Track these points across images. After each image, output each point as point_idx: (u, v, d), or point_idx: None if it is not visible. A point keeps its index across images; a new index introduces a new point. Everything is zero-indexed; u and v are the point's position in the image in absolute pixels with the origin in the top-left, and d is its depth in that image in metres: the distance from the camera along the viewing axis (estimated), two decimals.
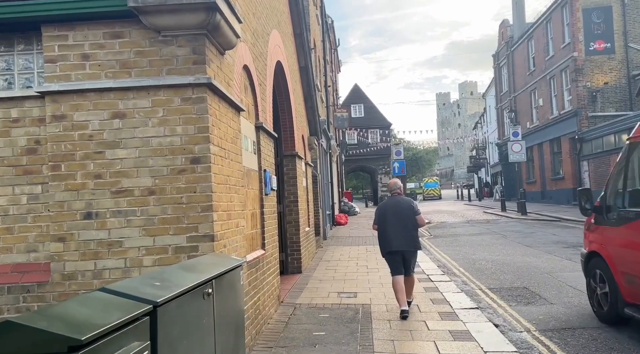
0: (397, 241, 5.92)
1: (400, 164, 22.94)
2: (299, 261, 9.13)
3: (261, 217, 5.80)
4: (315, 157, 14.28)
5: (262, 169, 5.89)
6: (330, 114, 21.34)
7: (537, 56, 28.17)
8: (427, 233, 16.35)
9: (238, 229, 4.50)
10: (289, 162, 9.22)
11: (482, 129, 51.78)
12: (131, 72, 3.82)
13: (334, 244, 13.69)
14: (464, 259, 10.43)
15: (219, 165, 3.99)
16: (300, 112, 10.51)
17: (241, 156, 4.78)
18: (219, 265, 2.60)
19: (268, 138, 6.36)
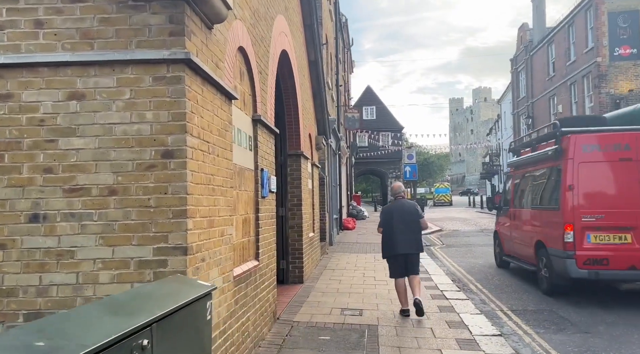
0: (403, 243, 6.08)
1: (412, 168, 22.09)
2: (300, 270, 8.39)
3: (256, 224, 5.07)
4: (322, 158, 13.54)
5: (259, 168, 5.16)
6: (341, 115, 20.60)
7: (557, 61, 27.15)
8: (438, 242, 15.52)
9: (223, 239, 3.77)
10: (293, 162, 8.49)
11: (497, 135, 50.65)
12: (93, 43, 3.12)
13: (340, 251, 12.92)
14: (479, 274, 9.61)
15: (198, 161, 3.27)
16: (307, 109, 9.78)
17: (231, 151, 4.05)
18: (170, 298, 1.86)
19: (268, 134, 5.63)
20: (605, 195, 7.11)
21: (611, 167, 7.11)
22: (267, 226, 5.47)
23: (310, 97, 10.33)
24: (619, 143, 7.09)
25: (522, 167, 9.54)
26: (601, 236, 6.83)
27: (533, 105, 30.82)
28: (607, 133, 7.39)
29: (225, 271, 3.80)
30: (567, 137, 7.35)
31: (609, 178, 7.14)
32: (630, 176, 6.95)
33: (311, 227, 9.96)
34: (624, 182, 7.00)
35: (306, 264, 8.69)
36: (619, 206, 6.91)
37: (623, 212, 6.85)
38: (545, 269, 7.61)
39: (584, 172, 7.05)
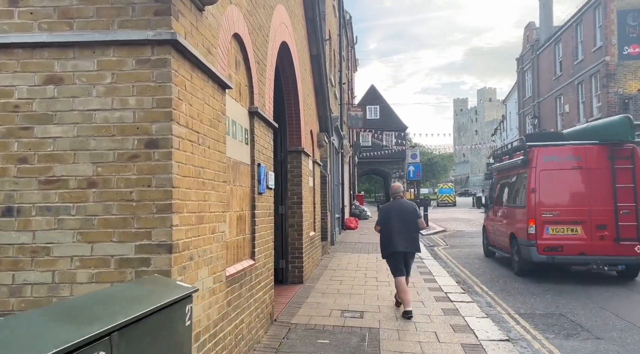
0: (401, 242, 6.14)
1: (415, 167, 21.80)
2: (300, 269, 8.15)
3: (252, 221, 4.83)
4: (325, 156, 13.29)
5: (256, 163, 4.92)
6: (344, 113, 20.34)
7: (564, 60, 26.78)
8: (442, 242, 15.25)
9: (214, 236, 3.53)
10: (294, 158, 8.25)
11: (501, 135, 50.24)
12: (72, 23, 2.88)
13: (342, 251, 12.67)
14: (485, 275, 9.34)
15: (186, 152, 3.03)
16: (309, 104, 9.54)
17: (224, 144, 3.81)
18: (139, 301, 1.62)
19: (265, 128, 5.39)
20: (560, 196, 8.69)
21: (565, 174, 8.70)
22: (264, 224, 5.23)
23: (312, 92, 10.08)
24: (572, 155, 8.72)
25: (501, 172, 11.32)
26: (557, 229, 8.52)
27: (539, 105, 30.45)
28: (562, 147, 8.97)
29: (216, 271, 3.57)
30: (532, 150, 9.01)
31: (564, 183, 8.69)
32: (580, 181, 8.66)
33: (312, 226, 9.72)
34: (575, 186, 8.69)
35: (306, 264, 8.45)
36: (571, 205, 8.57)
37: (574, 209, 8.51)
38: (516, 255, 9.33)
39: (544, 178, 8.69)
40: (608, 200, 8.43)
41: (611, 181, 8.46)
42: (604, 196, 8.45)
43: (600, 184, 8.52)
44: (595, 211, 8.42)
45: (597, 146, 8.72)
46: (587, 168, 8.60)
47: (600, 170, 8.54)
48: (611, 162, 8.49)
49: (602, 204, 8.44)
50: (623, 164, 8.45)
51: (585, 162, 8.62)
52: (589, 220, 8.42)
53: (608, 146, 8.59)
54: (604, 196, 8.45)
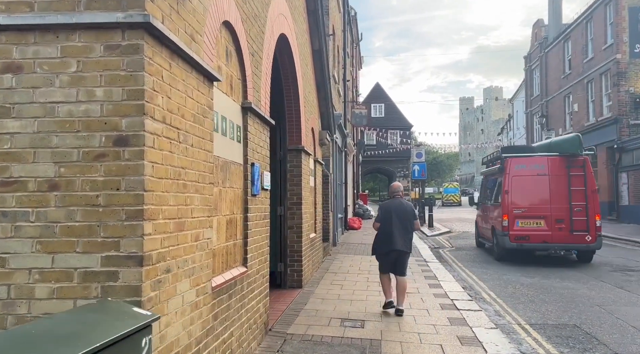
0: (399, 241, 6.22)
1: (420, 167, 21.39)
2: (299, 273, 7.81)
3: (244, 225, 4.48)
4: (327, 155, 12.94)
5: (249, 162, 4.58)
6: (348, 111, 19.96)
7: (574, 58, 26.26)
8: (448, 244, 14.86)
9: (198, 244, 3.19)
10: (294, 157, 7.90)
11: (508, 135, 49.68)
12: (33, 4, 2.54)
13: (344, 252, 12.32)
14: (493, 280, 8.96)
15: (163, 151, 2.69)
16: (310, 101, 9.19)
17: (211, 142, 3.47)
18: (70, 341, 1.27)
19: (261, 124, 5.04)
20: (527, 197, 10.67)
21: (532, 179, 10.69)
22: (258, 228, 4.89)
23: (314, 89, 9.73)
24: (538, 164, 10.80)
25: (486, 176, 13.67)
26: (525, 222, 10.53)
27: (547, 104, 29.93)
28: (530, 157, 11.17)
29: (200, 282, 3.23)
30: (506, 159, 11.12)
31: (530, 186, 10.69)
32: (543, 185, 10.59)
33: (312, 227, 9.38)
34: (540, 189, 10.60)
35: (306, 267, 8.10)
36: (536, 204, 10.57)
37: (538, 207, 10.53)
38: (495, 244, 11.40)
39: (515, 182, 10.75)
40: (565, 200, 10.44)
41: (567, 185, 10.49)
42: (561, 197, 10.47)
43: (559, 187, 10.55)
44: (555, 208, 10.48)
45: (558, 157, 10.82)
46: (549, 174, 10.67)
47: (559, 176, 10.60)
48: (568, 170, 10.58)
49: (560, 203, 10.45)
50: (577, 171, 10.55)
51: (548, 169, 10.72)
52: (550, 215, 10.47)
53: (565, 157, 10.70)
54: (562, 197, 10.46)
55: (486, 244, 12.87)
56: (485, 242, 12.91)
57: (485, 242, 13.02)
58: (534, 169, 10.81)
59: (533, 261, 11.14)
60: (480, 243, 13.66)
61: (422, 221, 21.20)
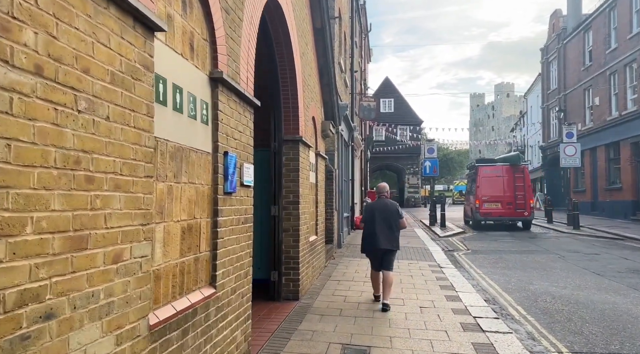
0: (382, 240, 6.45)
1: (432, 162, 20.22)
2: (296, 283, 6.76)
3: (213, 233, 3.43)
4: (332, 149, 11.87)
5: (221, 151, 3.52)
6: (356, 104, 18.85)
7: (595, 49, 24.85)
8: (462, 246, 13.73)
9: (120, 267, 2.14)
10: (290, 149, 6.85)
11: (522, 131, 48.19)
12: None
13: (350, 255, 11.27)
14: (519, 291, 7.84)
15: (36, 121, 1.64)
16: (311, 87, 8.11)
17: (149, 117, 2.42)
18: None
19: (240, 104, 3.99)
20: (490, 189, 17.63)
21: (493, 179, 17.81)
22: (235, 235, 3.84)
23: (316, 73, 8.65)
24: (497, 170, 18.05)
25: (469, 177, 21.50)
26: (488, 205, 17.54)
27: (565, 97, 28.52)
28: (492, 166, 18.54)
29: (124, 323, 2.18)
30: (478, 167, 18.54)
31: (492, 183, 17.71)
32: (500, 182, 17.68)
33: (313, 229, 8.32)
34: (497, 185, 17.63)
35: (303, 275, 7.05)
36: (495, 193, 17.57)
37: (497, 196, 17.56)
38: (472, 218, 18.82)
39: (483, 181, 17.81)
40: (512, 191, 17.78)
41: (513, 182, 17.87)
42: (510, 189, 17.81)
43: (509, 184, 17.94)
44: (506, 196, 17.80)
45: (508, 166, 18.36)
46: (503, 176, 18.04)
47: (509, 177, 17.98)
48: (514, 174, 18.01)
49: (509, 193, 17.80)
50: (519, 174, 18.03)
51: (503, 173, 18.09)
52: (503, 200, 17.78)
53: (512, 166, 18.27)
54: (510, 189, 17.81)
55: (470, 221, 20.05)
56: (469, 219, 20.14)
57: (468, 219, 20.41)
58: (494, 173, 18.33)
59: (563, 267, 10.00)
60: (466, 221, 20.96)
61: (433, 220, 20.07)
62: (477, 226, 18.88)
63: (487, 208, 17.83)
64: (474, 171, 19.32)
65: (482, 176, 18.22)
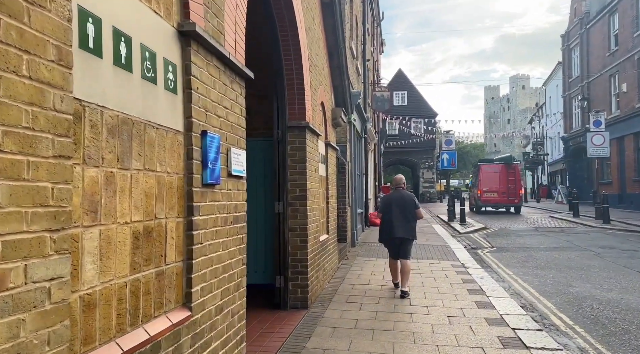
0: (399, 229, 6.63)
1: (450, 155, 19.23)
2: (304, 289, 5.93)
3: (186, 236, 2.61)
4: (343, 140, 11.01)
5: (197, 130, 2.70)
6: (368, 95, 17.92)
7: (621, 33, 23.50)
8: (486, 243, 12.76)
9: None
10: (296, 137, 6.01)
11: (540, 122, 46.66)
12: None
13: (365, 254, 10.41)
14: (559, 295, 6.90)
15: None
16: (319, 68, 7.26)
17: (66, 68, 1.59)
18: None
19: (224, 73, 3.15)
20: (489, 183, 23.03)
21: (492, 175, 23.17)
22: (220, 238, 3.01)
23: (325, 53, 7.79)
24: (494, 167, 23.71)
25: (474, 173, 26.53)
26: (488, 194, 23.16)
27: (589, 85, 27.16)
28: (491, 164, 24.39)
29: None
30: (479, 165, 24.53)
31: (491, 178, 23.10)
32: (496, 177, 23.10)
33: (323, 227, 7.48)
34: (495, 179, 22.99)
35: (313, 280, 6.22)
36: (493, 185, 22.97)
37: (494, 187, 22.97)
38: (475, 204, 24.51)
39: (483, 176, 23.32)
40: (506, 184, 22.71)
41: (507, 178, 22.85)
42: (505, 182, 22.69)
43: (504, 179, 22.79)
44: (501, 188, 22.66)
45: (503, 164, 23.62)
46: (499, 172, 22.99)
47: (504, 173, 22.89)
48: (507, 170, 23.07)
49: (504, 185, 22.70)
50: (511, 171, 23.12)
51: (499, 170, 23.10)
52: (499, 191, 22.75)
53: (506, 164, 23.52)
54: (505, 182, 22.70)
55: (473, 208, 24.83)
56: (472, 206, 25.08)
57: (472, 207, 25.11)
58: (492, 170, 23.46)
59: (602, 266, 9.01)
60: (471, 208, 25.18)
61: (451, 215, 19.09)
62: (479, 212, 23.82)
63: (486, 197, 23.26)
64: (477, 168, 24.99)
65: (483, 172, 23.48)
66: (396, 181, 7.12)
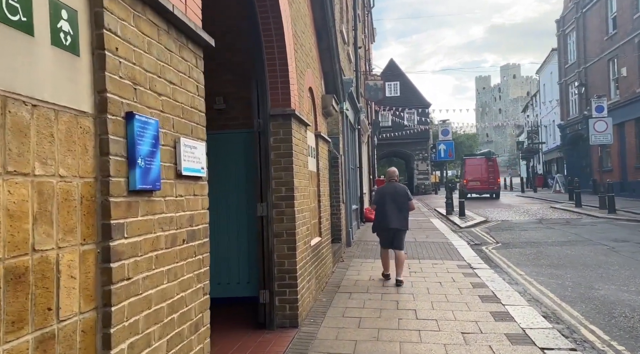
0: (393, 220, 7.01)
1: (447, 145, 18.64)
2: (293, 304, 5.08)
3: (102, 272, 1.74)
4: (336, 132, 10.15)
5: (119, 111, 1.81)
6: (360, 84, 17.01)
7: (620, 15, 22.75)
8: (490, 238, 11.98)
9: None
10: (280, 127, 5.13)
11: (534, 111, 46.04)
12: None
13: (361, 255, 9.58)
14: (583, 300, 6.11)
15: None
16: (306, 48, 6.37)
17: None
18: None
19: (166, 33, 2.26)
20: (473, 173, 28.78)
21: (475, 166, 29.09)
22: (165, 265, 2.14)
23: (312, 33, 6.89)
24: (477, 161, 29.84)
25: (461, 166, 34.53)
26: (472, 182, 28.40)
27: (586, 70, 26.44)
28: (474, 158, 31.08)
29: None
30: (465, 159, 31.39)
31: (474, 169, 28.88)
32: (479, 169, 28.75)
33: (315, 229, 6.63)
34: (477, 170, 28.71)
35: (304, 292, 5.37)
36: (476, 175, 28.54)
37: (477, 176, 28.54)
38: (460, 191, 19.33)
39: (468, 167, 29.47)
40: (487, 174, 28.21)
41: (487, 169, 28.35)
42: (485, 173, 28.24)
43: (485, 170, 28.31)
44: (483, 177, 28.08)
45: (484, 158, 29.56)
46: (481, 165, 28.51)
47: (485, 166, 28.42)
48: (487, 163, 28.60)
49: (485, 175, 28.14)
50: (490, 163, 28.62)
51: (480, 162, 28.86)
52: (481, 179, 28.07)
53: (486, 157, 29.45)
54: (486, 173, 28.24)
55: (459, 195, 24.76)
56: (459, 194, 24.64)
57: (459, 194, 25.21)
58: (476, 162, 28.94)
59: (622, 263, 8.25)
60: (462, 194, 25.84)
61: (450, 208, 18.32)
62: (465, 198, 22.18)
63: (471, 185, 27.98)
64: (463, 162, 31.26)
65: (468, 165, 29.39)
66: (389, 174, 7.57)
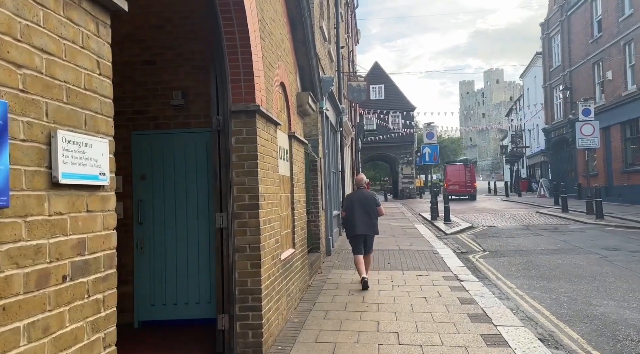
0: (362, 226, 7.12)
1: (432, 149, 17.96)
2: (257, 331, 4.38)
3: None
4: (315, 133, 9.51)
5: None
6: (343, 85, 16.41)
7: (605, 18, 22.61)
8: (476, 246, 11.44)
9: None
10: (242, 125, 4.45)
11: (517, 115, 46.10)
12: None
13: (341, 266, 8.93)
14: (582, 319, 5.53)
15: None
16: (277, 38, 5.70)
17: None
18: None
19: None
20: (452, 178, 33.03)
21: (455, 172, 33.67)
22: (23, 320, 1.43)
23: (284, 21, 6.23)
24: (457, 167, 34.31)
25: (442, 171, 39.21)
26: (452, 186, 32.35)
27: (571, 74, 26.31)
28: (454, 164, 35.52)
29: None
30: (446, 165, 35.81)
31: (454, 174, 33.39)
32: (458, 174, 33.36)
33: (288, 240, 5.95)
34: (456, 175, 33.30)
35: (270, 316, 4.68)
36: (455, 180, 32.96)
37: (456, 181, 32.92)
38: (443, 194, 20.63)
39: (449, 173, 33.76)
40: (464, 178, 32.52)
41: (465, 174, 32.78)
42: (463, 177, 32.54)
43: (463, 175, 32.71)
44: (461, 181, 32.42)
45: (462, 164, 34.18)
46: (459, 171, 33.08)
47: (463, 171, 32.95)
48: (465, 169, 33.08)
49: (463, 179, 32.48)
50: (468, 169, 33.12)
51: (459, 169, 33.32)
52: (459, 183, 32.35)
53: (464, 164, 34.09)
54: (463, 177, 32.53)
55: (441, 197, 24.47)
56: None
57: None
58: (455, 169, 33.30)
59: (617, 274, 7.74)
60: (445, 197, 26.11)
61: (434, 213, 17.80)
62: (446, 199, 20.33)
63: (451, 189, 31.05)
64: (444, 167, 35.22)
65: (448, 171, 33.22)
66: (357, 181, 7.75)
